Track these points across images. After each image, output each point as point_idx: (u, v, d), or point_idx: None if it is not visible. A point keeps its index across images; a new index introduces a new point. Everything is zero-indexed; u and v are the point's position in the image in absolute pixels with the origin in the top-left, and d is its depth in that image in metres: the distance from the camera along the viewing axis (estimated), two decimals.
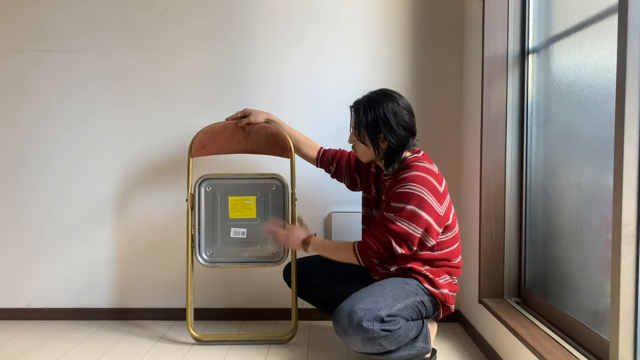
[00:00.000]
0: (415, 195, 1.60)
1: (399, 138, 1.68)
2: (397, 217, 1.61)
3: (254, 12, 2.29)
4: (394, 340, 1.55)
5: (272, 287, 2.34)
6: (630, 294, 1.12)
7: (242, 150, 2.06)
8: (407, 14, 2.28)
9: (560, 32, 1.63)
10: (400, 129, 1.68)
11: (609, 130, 1.29)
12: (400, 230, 1.60)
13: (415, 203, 1.59)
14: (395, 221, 1.61)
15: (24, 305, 2.39)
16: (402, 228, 1.60)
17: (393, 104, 1.68)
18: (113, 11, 2.31)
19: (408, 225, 1.60)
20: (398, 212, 1.61)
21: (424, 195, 1.60)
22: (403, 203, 1.60)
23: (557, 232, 1.64)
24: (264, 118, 2.03)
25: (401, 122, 1.68)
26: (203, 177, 2.03)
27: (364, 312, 1.50)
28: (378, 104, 1.68)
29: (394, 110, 1.68)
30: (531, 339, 1.49)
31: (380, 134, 1.69)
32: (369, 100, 1.72)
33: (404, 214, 1.60)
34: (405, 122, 1.69)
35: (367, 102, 1.71)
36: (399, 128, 1.67)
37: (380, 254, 1.64)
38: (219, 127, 2.05)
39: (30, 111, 2.34)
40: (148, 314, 2.36)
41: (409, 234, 1.60)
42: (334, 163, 2.01)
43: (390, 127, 1.67)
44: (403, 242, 1.61)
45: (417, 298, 1.64)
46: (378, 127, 1.68)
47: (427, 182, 1.62)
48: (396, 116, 1.67)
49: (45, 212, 2.36)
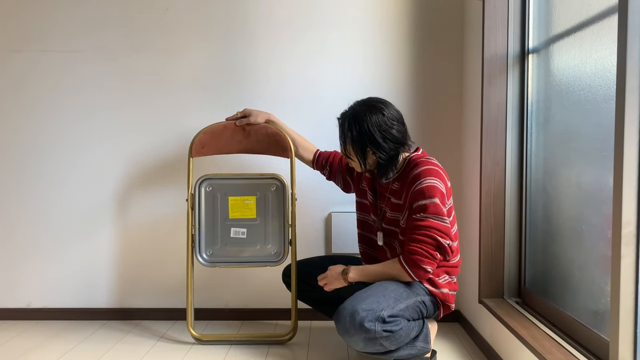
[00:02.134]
0: (435, 189, 1.60)
1: (386, 152, 1.65)
2: (427, 214, 1.59)
3: (254, 12, 2.29)
4: (395, 340, 1.55)
5: (272, 287, 2.34)
6: (630, 293, 1.12)
7: (242, 150, 2.06)
8: (407, 14, 2.28)
9: (560, 32, 1.63)
10: (388, 142, 1.64)
11: (609, 130, 1.29)
12: (437, 225, 1.59)
13: (436, 196, 1.59)
14: (427, 218, 1.59)
15: (24, 305, 2.39)
16: (437, 223, 1.59)
17: (377, 117, 1.63)
18: (113, 11, 2.31)
19: (438, 218, 1.59)
20: (425, 210, 1.60)
21: (440, 188, 1.61)
22: (426, 199, 1.59)
23: (557, 232, 1.64)
24: (264, 119, 2.03)
25: (388, 136, 1.63)
26: (203, 177, 2.03)
27: (366, 312, 1.51)
28: (362, 119, 1.63)
29: (379, 123, 1.62)
30: (531, 339, 1.49)
31: (368, 149, 1.66)
32: (354, 114, 1.67)
33: (431, 209, 1.59)
34: (392, 135, 1.64)
35: (351, 116, 1.67)
36: (385, 142, 1.63)
37: (431, 256, 1.60)
38: (219, 127, 2.05)
39: (30, 111, 2.34)
40: (148, 314, 2.36)
41: (444, 227, 1.60)
42: (327, 166, 2.01)
43: (376, 142, 1.63)
44: (446, 235, 1.60)
45: (418, 298, 1.64)
46: (364, 142, 1.64)
47: (440, 175, 1.63)
48: (381, 130, 1.62)
49: (45, 212, 2.36)
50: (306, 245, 2.31)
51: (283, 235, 2.02)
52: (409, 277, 1.63)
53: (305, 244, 2.31)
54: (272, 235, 2.03)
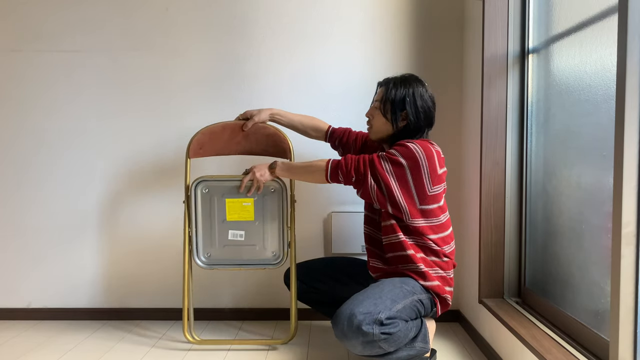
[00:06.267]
0: (413, 154, 1.62)
1: (418, 120, 1.72)
2: (386, 157, 1.65)
3: (254, 11, 2.29)
4: (393, 342, 1.55)
5: (272, 288, 2.34)
6: (630, 293, 1.12)
7: (241, 152, 2.05)
8: (407, 13, 2.28)
9: (560, 32, 1.63)
10: (422, 113, 1.73)
11: (609, 130, 1.30)
12: (379, 169, 1.64)
13: (410, 163, 1.62)
14: (381, 159, 1.66)
15: (24, 305, 2.39)
16: (383, 169, 1.64)
17: (422, 89, 1.75)
18: (113, 11, 2.31)
19: (389, 171, 1.64)
20: (389, 154, 1.65)
21: (420, 160, 1.62)
22: (397, 151, 1.64)
23: (557, 232, 1.64)
24: (268, 115, 2.02)
25: (425, 108, 1.73)
26: (199, 179, 1.99)
27: (363, 315, 1.50)
28: (409, 84, 1.74)
29: (422, 94, 1.74)
30: (531, 339, 1.49)
31: (404, 112, 1.73)
32: (402, 78, 1.77)
33: (392, 159, 1.64)
34: (428, 108, 1.74)
35: (399, 80, 1.77)
36: (421, 111, 1.73)
37: (348, 175, 1.69)
38: (218, 128, 2.03)
39: (30, 111, 2.34)
40: (148, 314, 2.36)
41: (386, 178, 1.64)
42: (340, 147, 2.04)
43: (415, 107, 1.72)
44: (377, 182, 1.65)
45: (415, 297, 1.64)
46: (404, 104, 1.72)
47: (429, 153, 1.64)
48: (422, 100, 1.73)
49: (46, 212, 2.36)
50: (306, 245, 2.31)
51: (282, 237, 2.00)
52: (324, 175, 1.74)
53: (305, 244, 2.31)
54: (271, 237, 2.00)
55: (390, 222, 1.69)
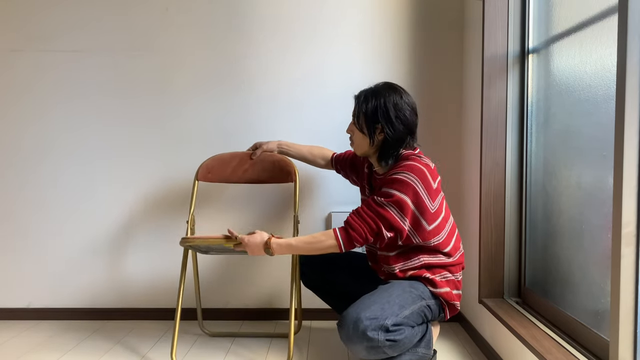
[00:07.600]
0: (409, 185, 1.57)
1: (396, 131, 1.66)
2: (388, 202, 1.58)
3: (254, 11, 2.29)
4: (398, 348, 1.54)
5: (272, 288, 2.34)
6: (630, 293, 1.12)
7: (248, 180, 2.08)
8: (407, 14, 2.28)
9: (560, 32, 1.63)
10: (399, 123, 1.66)
11: (609, 130, 1.30)
12: (390, 218, 1.58)
13: (407, 193, 1.57)
14: (385, 206, 1.58)
15: (24, 305, 2.39)
16: (393, 216, 1.58)
17: (396, 97, 1.67)
18: (113, 11, 2.31)
19: (397, 213, 1.58)
20: (389, 197, 1.58)
21: (417, 187, 1.58)
22: (395, 189, 1.58)
23: (557, 232, 1.64)
24: (276, 145, 2.07)
25: (400, 116, 1.66)
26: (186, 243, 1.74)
27: (369, 321, 1.48)
28: (380, 94, 1.68)
29: (395, 102, 1.66)
30: (531, 339, 1.49)
31: (378, 125, 1.67)
32: (373, 90, 1.72)
33: (394, 201, 1.57)
34: (404, 117, 1.66)
35: (370, 92, 1.71)
36: (397, 121, 1.65)
37: (366, 241, 1.60)
38: (227, 156, 2.10)
39: (30, 111, 2.34)
40: (148, 314, 2.36)
41: (398, 223, 1.58)
42: (341, 170, 2.03)
43: (389, 119, 1.65)
44: (392, 231, 1.60)
45: (424, 302, 1.62)
46: (376, 116, 1.66)
47: (421, 174, 1.60)
48: (396, 109, 1.66)
49: (46, 212, 2.36)
50: None
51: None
52: (339, 249, 1.61)
53: None
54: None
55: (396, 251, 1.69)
